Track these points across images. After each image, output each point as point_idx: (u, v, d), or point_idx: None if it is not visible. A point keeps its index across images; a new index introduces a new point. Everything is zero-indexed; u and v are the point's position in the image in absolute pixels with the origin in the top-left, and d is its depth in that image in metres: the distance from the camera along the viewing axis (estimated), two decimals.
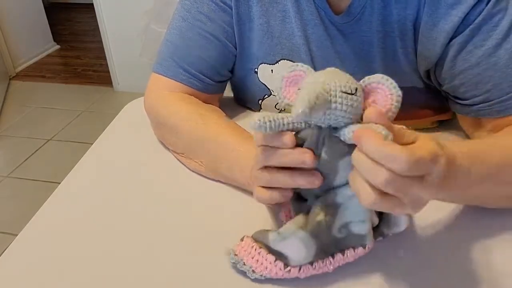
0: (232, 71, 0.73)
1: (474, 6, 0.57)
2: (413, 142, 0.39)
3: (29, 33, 3.17)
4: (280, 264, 0.44)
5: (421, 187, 0.38)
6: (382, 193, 0.37)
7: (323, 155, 0.42)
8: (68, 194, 0.63)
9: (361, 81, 0.43)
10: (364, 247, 0.45)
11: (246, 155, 0.55)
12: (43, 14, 3.29)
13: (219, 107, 0.72)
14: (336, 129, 0.42)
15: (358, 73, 0.68)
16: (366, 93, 0.43)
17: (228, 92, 0.79)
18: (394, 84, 0.42)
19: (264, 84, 0.72)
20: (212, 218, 0.57)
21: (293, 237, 0.44)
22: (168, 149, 0.69)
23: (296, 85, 0.45)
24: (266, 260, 0.45)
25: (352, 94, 0.41)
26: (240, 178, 0.57)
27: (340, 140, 0.41)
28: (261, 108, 0.77)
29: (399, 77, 0.64)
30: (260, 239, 0.46)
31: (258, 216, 0.53)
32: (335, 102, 0.40)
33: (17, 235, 0.56)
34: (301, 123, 0.43)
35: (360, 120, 0.42)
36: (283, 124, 0.42)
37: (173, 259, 0.51)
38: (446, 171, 0.39)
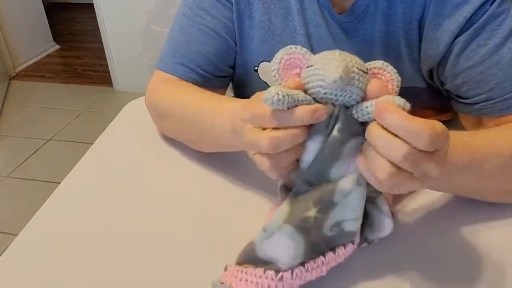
0: (233, 68, 0.73)
1: (480, 7, 0.57)
2: None
3: (29, 33, 3.17)
4: (270, 273, 0.42)
5: (433, 162, 0.38)
6: (397, 167, 0.38)
7: (335, 133, 0.40)
8: (68, 194, 0.63)
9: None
10: (353, 243, 0.45)
11: (231, 114, 0.53)
12: (43, 14, 3.29)
13: None
14: (347, 108, 0.41)
15: None
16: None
17: (228, 92, 0.79)
18: (394, 70, 0.42)
19: (265, 82, 0.72)
20: (212, 218, 0.57)
21: (279, 233, 0.42)
22: (169, 149, 0.70)
23: (293, 69, 0.44)
24: (255, 276, 0.42)
25: (366, 73, 0.40)
26: (232, 139, 0.54)
27: (353, 118, 0.41)
28: None
29: (400, 76, 0.64)
30: (244, 259, 0.44)
31: (259, 216, 0.53)
32: (353, 78, 0.39)
33: (17, 235, 0.56)
34: (312, 101, 0.41)
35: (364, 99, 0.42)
36: (298, 100, 0.40)
37: (173, 259, 0.51)
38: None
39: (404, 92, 0.43)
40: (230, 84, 0.80)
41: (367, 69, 0.41)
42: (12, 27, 2.98)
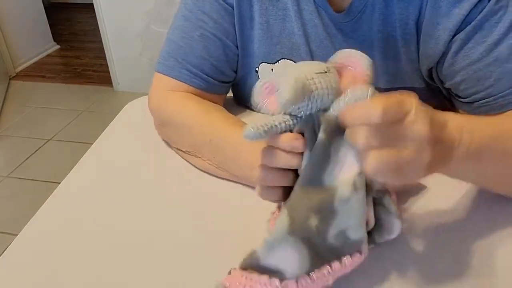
0: (236, 71, 0.73)
1: (476, 4, 0.57)
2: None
3: (29, 33, 3.17)
4: (275, 281, 0.42)
5: (405, 128, 0.37)
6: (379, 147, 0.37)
7: (321, 135, 0.41)
8: (68, 194, 0.63)
9: (327, 61, 0.44)
10: (361, 253, 0.45)
11: (256, 153, 0.54)
12: (43, 14, 3.29)
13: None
14: (325, 110, 0.42)
15: None
16: (339, 71, 0.43)
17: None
18: (361, 53, 0.43)
19: None
20: (212, 218, 0.57)
21: (283, 245, 0.42)
22: (169, 149, 0.70)
23: (274, 93, 0.45)
24: (260, 283, 0.42)
25: (326, 72, 0.41)
26: (250, 176, 0.56)
27: (334, 116, 0.41)
28: None
29: (399, 76, 0.63)
30: (248, 265, 0.44)
31: (259, 216, 0.53)
32: (314, 84, 0.40)
33: (17, 235, 0.56)
34: (293, 119, 0.42)
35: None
36: (275, 126, 0.42)
37: (173, 259, 0.51)
38: (432, 120, 0.39)
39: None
40: None
41: (327, 68, 0.42)
42: (12, 27, 2.98)
